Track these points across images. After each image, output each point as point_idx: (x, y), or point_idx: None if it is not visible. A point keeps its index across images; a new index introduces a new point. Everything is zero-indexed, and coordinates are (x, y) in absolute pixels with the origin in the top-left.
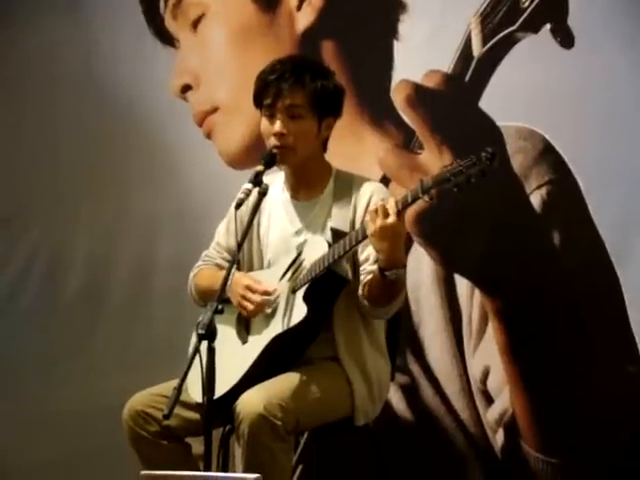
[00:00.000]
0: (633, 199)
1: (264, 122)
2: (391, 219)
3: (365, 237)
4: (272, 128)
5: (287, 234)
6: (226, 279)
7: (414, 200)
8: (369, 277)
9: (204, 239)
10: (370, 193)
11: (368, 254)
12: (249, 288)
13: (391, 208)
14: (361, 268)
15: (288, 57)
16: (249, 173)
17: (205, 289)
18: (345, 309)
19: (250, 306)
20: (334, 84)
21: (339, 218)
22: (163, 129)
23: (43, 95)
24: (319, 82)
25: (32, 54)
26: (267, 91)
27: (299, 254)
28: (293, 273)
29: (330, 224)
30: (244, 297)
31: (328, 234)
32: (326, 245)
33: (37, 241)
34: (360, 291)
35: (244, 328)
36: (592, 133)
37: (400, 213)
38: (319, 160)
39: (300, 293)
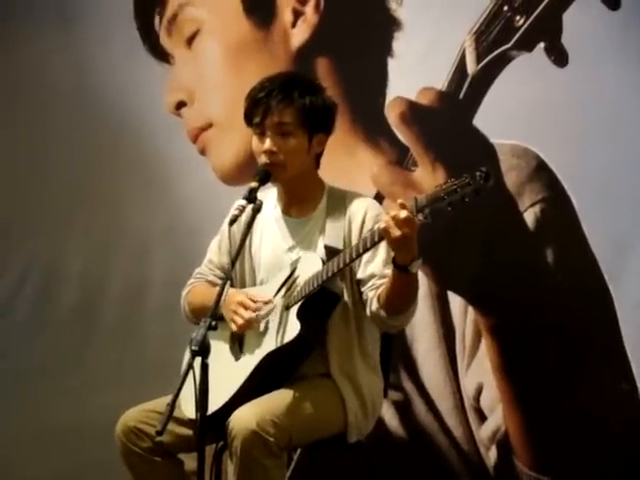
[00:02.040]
0: (626, 217)
1: (255, 140)
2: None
3: (359, 255)
4: (262, 146)
5: (280, 251)
6: (219, 296)
7: None
8: (382, 288)
9: (197, 255)
10: (364, 210)
11: (373, 270)
12: (242, 304)
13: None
14: (368, 284)
15: (277, 74)
16: (242, 189)
17: (198, 306)
18: (339, 326)
19: (240, 321)
20: (324, 100)
21: (332, 235)
22: (157, 145)
23: (37, 109)
24: (308, 98)
25: (26, 68)
26: (256, 109)
27: (293, 271)
28: (287, 290)
29: (323, 241)
30: (235, 312)
31: (322, 251)
32: (320, 262)
33: (30, 257)
34: (375, 305)
35: (238, 344)
36: (585, 151)
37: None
38: (312, 176)
39: (294, 310)
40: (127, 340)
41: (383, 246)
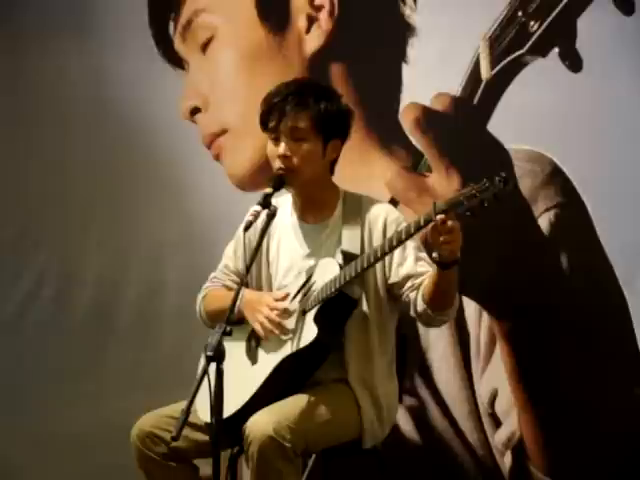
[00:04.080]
0: None
1: (269, 145)
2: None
3: (377, 260)
4: (277, 150)
5: (297, 257)
6: (234, 301)
7: (427, 223)
8: (422, 288)
9: (212, 260)
10: (385, 214)
11: (407, 272)
12: (269, 306)
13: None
14: (407, 286)
15: (293, 80)
16: (257, 195)
17: (215, 310)
18: (358, 333)
19: (268, 325)
20: (338, 106)
21: (349, 240)
22: (172, 151)
23: (52, 118)
24: (323, 104)
25: (42, 76)
26: (271, 114)
27: (310, 277)
28: (304, 295)
29: (341, 246)
30: (264, 315)
31: (339, 256)
32: (337, 267)
33: (47, 262)
34: (421, 305)
35: (254, 349)
36: (600, 156)
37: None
38: (326, 182)
39: (311, 314)
40: (143, 344)
41: (410, 246)
